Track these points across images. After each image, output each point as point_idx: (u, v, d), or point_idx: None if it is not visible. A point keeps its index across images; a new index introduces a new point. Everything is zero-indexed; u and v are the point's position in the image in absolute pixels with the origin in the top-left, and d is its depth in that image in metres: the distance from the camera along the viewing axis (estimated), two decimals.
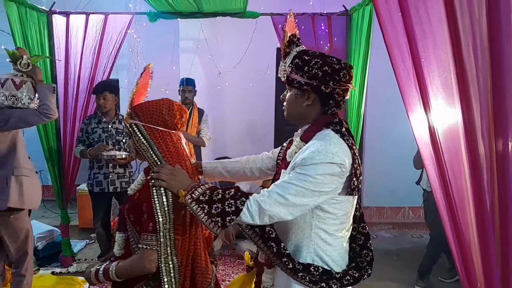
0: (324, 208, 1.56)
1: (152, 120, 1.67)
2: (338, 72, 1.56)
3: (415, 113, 1.86)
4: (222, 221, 1.49)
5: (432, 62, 1.81)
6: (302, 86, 1.59)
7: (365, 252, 1.72)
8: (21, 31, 3.63)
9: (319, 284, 1.56)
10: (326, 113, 1.63)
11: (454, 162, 1.76)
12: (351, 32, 3.97)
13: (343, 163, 1.49)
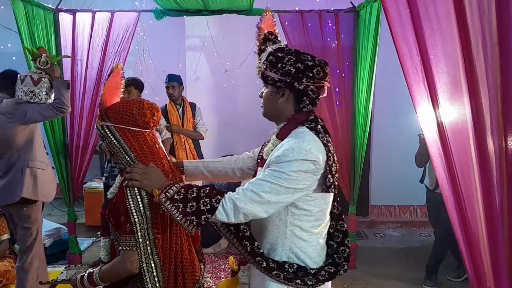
0: (299, 205, 1.57)
1: (123, 121, 1.66)
2: (311, 69, 1.56)
3: (423, 110, 1.84)
4: (197, 220, 1.49)
5: (441, 59, 1.79)
6: (276, 83, 1.60)
7: (342, 248, 1.72)
8: (28, 30, 3.64)
9: (294, 281, 1.57)
10: (301, 111, 1.63)
11: (462, 159, 1.74)
12: (359, 29, 3.94)
13: (316, 160, 1.50)
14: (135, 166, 1.61)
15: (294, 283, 1.58)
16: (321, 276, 1.62)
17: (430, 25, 1.77)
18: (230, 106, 5.61)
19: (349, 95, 4.08)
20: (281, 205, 1.53)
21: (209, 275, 3.98)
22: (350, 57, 4.05)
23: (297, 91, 1.59)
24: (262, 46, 1.74)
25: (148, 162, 1.65)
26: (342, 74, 4.09)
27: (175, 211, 1.49)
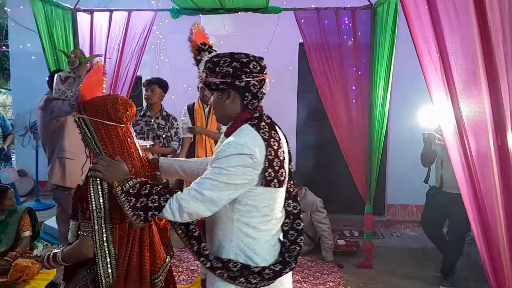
0: (243, 201, 1.60)
1: (98, 114, 1.75)
2: (248, 65, 1.62)
3: (442, 107, 1.81)
4: (145, 216, 1.55)
5: (460, 56, 1.76)
6: (219, 87, 1.65)
7: (294, 247, 1.73)
8: (47, 29, 3.70)
9: (238, 279, 1.61)
10: (247, 107, 1.68)
11: (482, 158, 1.71)
12: (376, 26, 3.90)
13: (253, 153, 1.53)
14: (101, 158, 1.70)
15: (237, 282, 1.61)
16: (266, 274, 1.63)
17: (449, 21, 1.75)
18: None
19: (365, 93, 4.04)
20: (223, 202, 1.56)
21: None
22: (367, 54, 4.01)
23: (240, 88, 1.63)
24: (198, 57, 1.83)
25: (114, 155, 1.73)
26: (359, 72, 4.06)
27: (126, 204, 1.56)
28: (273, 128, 1.67)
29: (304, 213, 4.37)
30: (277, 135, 1.66)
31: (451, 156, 1.84)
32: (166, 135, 4.15)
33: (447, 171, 3.69)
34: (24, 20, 5.60)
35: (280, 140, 1.66)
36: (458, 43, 1.75)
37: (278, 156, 1.60)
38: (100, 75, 1.90)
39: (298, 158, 5.68)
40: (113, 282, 1.70)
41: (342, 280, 3.88)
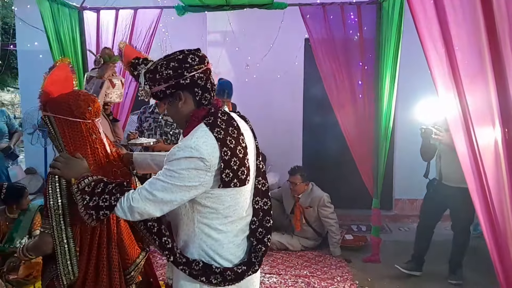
0: (202, 202, 1.58)
1: (61, 111, 1.76)
2: (185, 59, 1.57)
3: (448, 102, 1.81)
4: (96, 215, 1.56)
5: (466, 50, 1.76)
6: (167, 92, 1.60)
7: (259, 246, 1.71)
8: (54, 28, 3.72)
9: (199, 278, 1.60)
10: (201, 103, 1.62)
11: (489, 152, 1.71)
12: (382, 21, 3.88)
13: (203, 157, 1.49)
14: (60, 155, 1.71)
15: (199, 280, 1.61)
16: (228, 275, 1.61)
17: (454, 15, 1.74)
18: (252, 100, 5.61)
19: (371, 88, 4.03)
20: (176, 203, 1.54)
21: None
22: (372, 49, 4.00)
23: (187, 86, 1.58)
24: (134, 72, 1.82)
25: (75, 151, 1.74)
26: (365, 67, 4.05)
27: (80, 202, 1.58)
28: (231, 125, 1.60)
29: (311, 208, 4.38)
30: (235, 132, 1.59)
31: (458, 150, 1.84)
32: (174, 131, 4.18)
33: (445, 165, 3.70)
34: (31, 19, 5.62)
35: (240, 137, 1.60)
36: (464, 37, 1.75)
37: (236, 154, 1.55)
38: (68, 72, 1.89)
39: (305, 153, 5.69)
40: (74, 279, 1.73)
41: (349, 275, 3.89)
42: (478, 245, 4.36)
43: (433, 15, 1.79)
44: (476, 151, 1.74)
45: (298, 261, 4.20)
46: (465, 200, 3.56)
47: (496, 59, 1.58)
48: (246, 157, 1.60)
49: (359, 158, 4.17)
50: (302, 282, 3.72)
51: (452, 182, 3.65)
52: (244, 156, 1.59)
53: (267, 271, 3.95)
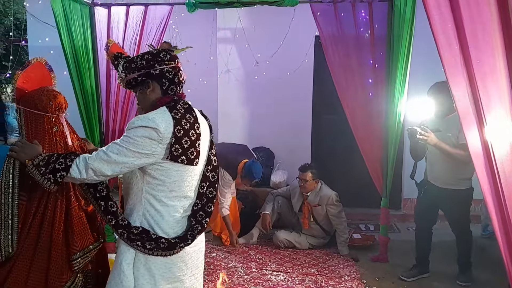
0: (152, 173, 1.75)
1: (28, 105, 2.00)
2: (158, 54, 1.83)
3: (462, 101, 1.79)
4: (54, 177, 1.75)
5: (481, 48, 1.73)
6: (138, 80, 1.83)
7: (197, 226, 1.85)
8: (66, 24, 3.73)
9: (135, 242, 1.75)
10: (167, 93, 1.85)
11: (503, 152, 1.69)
12: (393, 18, 3.84)
13: (157, 127, 1.69)
14: (19, 141, 1.92)
15: (134, 244, 1.75)
16: (161, 243, 1.75)
17: (469, 12, 1.72)
18: (261, 98, 5.62)
19: (382, 86, 4.00)
20: (127, 166, 1.71)
21: (240, 264, 4.02)
22: (384, 47, 3.96)
23: (156, 76, 1.82)
24: (115, 62, 2.00)
25: (33, 139, 1.96)
26: (376, 65, 4.02)
27: (37, 173, 1.76)
28: (189, 112, 1.81)
29: (320, 206, 4.36)
30: (192, 119, 1.80)
31: (471, 149, 1.82)
32: None
33: (432, 165, 3.69)
34: (42, 15, 5.67)
35: (195, 124, 1.80)
36: (479, 35, 1.73)
37: (188, 135, 1.75)
38: (44, 70, 2.12)
39: (313, 151, 5.67)
40: (12, 252, 1.90)
41: (357, 274, 3.88)
42: (487, 245, 4.34)
43: (448, 11, 1.77)
44: (490, 150, 1.72)
45: (305, 259, 4.19)
46: (455, 201, 3.57)
47: (511, 55, 1.56)
48: (198, 141, 1.80)
49: (368, 157, 4.15)
50: (310, 280, 3.72)
51: (440, 183, 3.62)
52: (196, 140, 1.79)
53: (275, 268, 3.95)
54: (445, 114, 3.55)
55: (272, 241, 4.53)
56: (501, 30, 1.64)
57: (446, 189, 3.56)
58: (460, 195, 3.55)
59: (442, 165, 3.54)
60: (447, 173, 3.54)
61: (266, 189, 5.14)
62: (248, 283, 3.65)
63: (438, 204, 3.73)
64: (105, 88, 4.08)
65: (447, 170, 3.53)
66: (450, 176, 3.53)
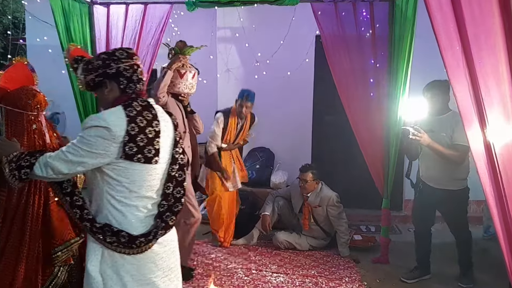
0: (110, 174, 1.75)
1: (9, 103, 2.11)
2: (114, 53, 1.83)
3: (464, 102, 1.77)
4: (19, 174, 1.79)
5: (483, 48, 1.72)
6: (95, 80, 1.84)
7: (163, 225, 1.84)
8: (64, 22, 3.72)
9: (97, 235, 1.77)
10: (125, 91, 1.84)
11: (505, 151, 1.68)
12: (395, 18, 3.82)
13: (108, 126, 1.69)
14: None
15: (96, 237, 1.78)
16: (122, 237, 1.75)
17: (471, 12, 1.70)
18: (261, 98, 5.56)
19: (383, 86, 3.97)
20: (83, 166, 1.73)
21: (239, 266, 3.99)
22: (385, 47, 3.94)
23: (112, 75, 1.82)
24: (75, 65, 2.00)
25: (12, 136, 2.03)
26: (377, 65, 3.99)
27: (7, 169, 1.80)
28: (147, 110, 1.81)
29: (320, 207, 4.34)
30: (150, 116, 1.80)
31: (472, 149, 1.80)
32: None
33: (426, 166, 3.67)
34: (41, 13, 5.64)
35: (153, 121, 1.80)
36: (481, 36, 1.71)
37: (144, 133, 1.75)
38: (26, 71, 2.21)
39: (314, 151, 5.65)
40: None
41: (358, 275, 3.85)
42: (489, 247, 4.31)
43: (450, 12, 1.75)
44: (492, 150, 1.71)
45: (306, 260, 4.17)
46: (451, 202, 3.55)
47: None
48: (157, 139, 1.80)
49: (369, 157, 4.12)
50: (310, 282, 3.69)
51: (434, 183, 3.61)
52: (154, 138, 1.79)
53: (274, 270, 3.92)
54: (440, 113, 3.54)
55: (272, 242, 4.50)
56: (503, 31, 1.62)
57: (441, 189, 3.55)
58: (455, 196, 3.53)
59: (436, 165, 3.53)
60: (441, 173, 3.53)
61: (266, 189, 5.12)
62: (248, 284, 3.62)
63: (434, 205, 3.71)
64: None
65: (441, 170, 3.51)
66: (444, 176, 3.51)
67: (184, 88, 3.54)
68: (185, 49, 3.50)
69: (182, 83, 3.51)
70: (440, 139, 3.42)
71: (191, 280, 3.68)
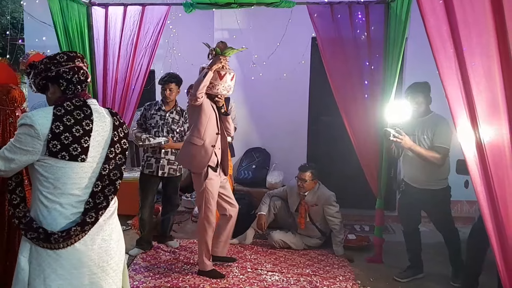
0: (39, 170, 1.84)
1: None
2: (54, 57, 1.93)
3: (457, 103, 1.81)
4: None
5: (475, 51, 1.75)
6: (40, 84, 1.97)
7: (87, 221, 1.88)
8: (63, 23, 3.75)
9: (22, 230, 1.85)
10: (66, 93, 1.94)
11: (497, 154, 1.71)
12: (390, 21, 3.87)
13: (33, 124, 1.78)
14: None
15: (23, 232, 1.86)
16: (40, 234, 1.81)
17: (464, 15, 1.74)
18: (257, 99, 5.63)
19: (378, 88, 4.02)
20: (16, 162, 1.82)
21: (235, 264, 4.02)
22: (380, 49, 3.98)
23: (53, 78, 1.92)
24: (28, 70, 2.06)
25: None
26: (372, 67, 4.04)
27: None
28: (80, 109, 1.90)
29: (317, 206, 4.38)
30: (81, 115, 1.88)
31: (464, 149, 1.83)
32: (180, 129, 4.22)
33: (408, 167, 3.75)
34: (40, 14, 5.65)
35: (85, 121, 1.88)
36: (474, 38, 1.75)
37: (71, 131, 1.83)
38: (9, 70, 2.47)
39: (309, 152, 5.69)
40: None
41: (352, 275, 3.89)
42: None
43: (443, 15, 1.79)
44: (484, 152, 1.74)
45: (300, 259, 4.20)
46: (435, 201, 3.62)
47: (505, 59, 1.58)
48: (85, 138, 1.87)
49: (364, 158, 4.16)
50: (304, 280, 3.73)
51: (416, 183, 3.69)
52: (83, 136, 1.86)
53: (270, 269, 3.96)
54: (421, 115, 3.61)
55: (268, 241, 4.54)
56: (496, 33, 1.66)
57: (424, 189, 3.62)
58: (438, 195, 3.62)
59: (418, 165, 3.60)
60: (422, 174, 3.61)
61: (262, 190, 5.15)
62: (243, 283, 3.65)
63: (418, 204, 3.78)
64: (102, 87, 4.09)
65: (422, 171, 3.59)
66: (426, 176, 3.60)
67: (222, 89, 3.54)
68: (226, 50, 3.51)
69: (221, 85, 3.51)
70: (421, 141, 3.50)
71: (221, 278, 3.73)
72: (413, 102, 3.59)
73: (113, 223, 2.03)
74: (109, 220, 1.99)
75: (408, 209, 3.85)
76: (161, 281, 3.65)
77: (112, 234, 2.01)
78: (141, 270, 3.86)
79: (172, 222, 4.57)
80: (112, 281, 2.01)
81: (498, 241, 1.81)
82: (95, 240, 1.92)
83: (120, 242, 2.08)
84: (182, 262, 4.06)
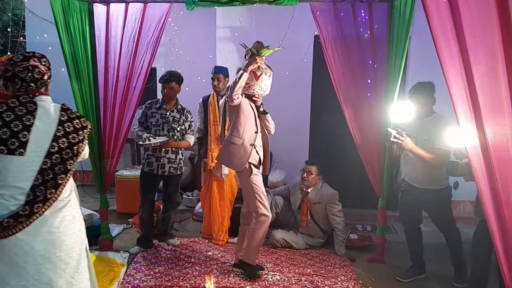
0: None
1: None
2: (12, 59, 2.08)
3: (460, 102, 1.79)
4: None
5: (480, 49, 1.73)
6: (5, 85, 2.11)
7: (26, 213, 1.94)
8: (64, 20, 3.73)
9: None
10: (20, 90, 2.08)
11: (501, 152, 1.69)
12: (393, 19, 3.84)
13: None
14: None
15: None
16: None
17: (468, 13, 1.72)
18: None
19: (381, 87, 3.99)
20: None
21: (232, 262, 4.01)
22: (383, 48, 3.95)
23: (10, 78, 2.08)
24: None
25: None
26: (375, 66, 4.01)
27: None
28: (23, 106, 2.02)
29: (320, 204, 4.36)
30: (23, 111, 2.01)
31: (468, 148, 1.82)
32: (181, 128, 4.21)
33: (409, 167, 3.75)
34: (41, 11, 5.65)
35: (25, 116, 2.00)
36: (478, 37, 1.73)
37: (9, 126, 1.95)
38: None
39: (311, 151, 5.67)
40: None
41: (353, 274, 3.87)
42: None
43: (447, 13, 1.77)
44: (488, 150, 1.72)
45: (302, 259, 4.19)
46: (435, 201, 3.60)
47: (509, 56, 1.56)
48: (24, 132, 1.98)
49: (366, 157, 4.14)
50: (306, 280, 3.71)
51: (417, 183, 3.68)
52: (21, 131, 1.98)
53: (271, 268, 3.94)
54: (424, 115, 3.59)
55: (269, 240, 4.52)
56: (501, 32, 1.64)
57: (424, 189, 3.62)
58: (438, 194, 3.61)
59: (418, 165, 3.59)
60: (423, 174, 3.60)
61: None
62: (244, 282, 3.64)
63: (419, 204, 3.77)
64: (103, 84, 4.06)
65: (423, 171, 3.59)
66: (426, 176, 3.59)
67: (258, 90, 3.55)
68: (261, 50, 3.50)
69: (257, 85, 3.52)
70: (422, 142, 3.49)
71: (257, 280, 3.68)
72: (416, 102, 3.56)
73: (64, 216, 2.07)
74: (57, 213, 2.04)
75: (409, 209, 3.83)
76: (162, 279, 3.64)
77: (61, 227, 2.05)
78: (141, 269, 3.85)
79: (173, 220, 4.57)
80: (64, 273, 2.06)
81: (502, 241, 1.79)
82: (39, 231, 1.98)
83: (74, 236, 2.11)
84: (183, 261, 4.05)
